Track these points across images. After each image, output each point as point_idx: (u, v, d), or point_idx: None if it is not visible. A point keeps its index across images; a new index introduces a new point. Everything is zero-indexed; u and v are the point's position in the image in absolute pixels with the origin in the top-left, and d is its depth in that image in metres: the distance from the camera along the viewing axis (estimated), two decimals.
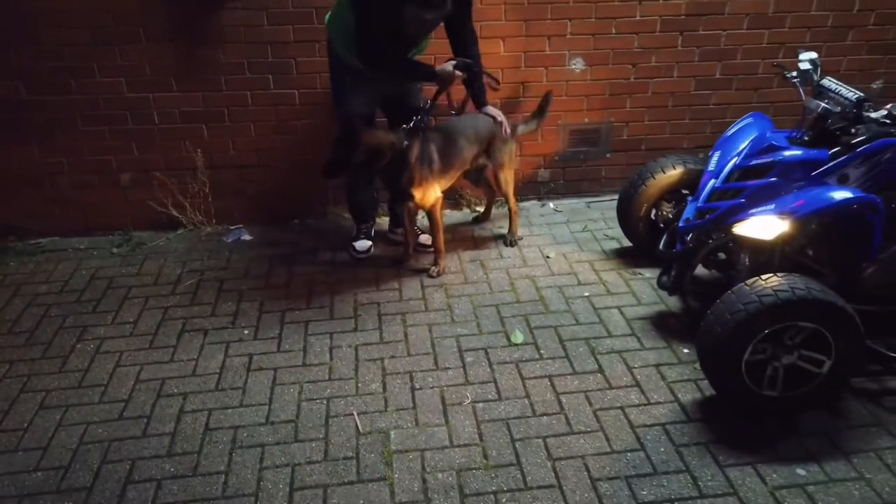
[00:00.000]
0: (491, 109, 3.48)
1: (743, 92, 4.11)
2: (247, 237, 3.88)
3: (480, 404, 2.60)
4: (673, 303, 3.21)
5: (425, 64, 3.25)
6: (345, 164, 3.05)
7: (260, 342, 2.97)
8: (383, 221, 3.95)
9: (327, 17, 3.27)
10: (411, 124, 3.20)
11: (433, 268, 3.47)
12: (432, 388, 2.69)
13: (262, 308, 3.21)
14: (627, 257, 3.60)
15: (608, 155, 4.19)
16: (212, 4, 3.49)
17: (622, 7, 3.79)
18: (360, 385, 2.70)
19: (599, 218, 4.03)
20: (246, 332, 3.04)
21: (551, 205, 4.23)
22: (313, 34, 3.59)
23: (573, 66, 3.92)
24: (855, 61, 4.11)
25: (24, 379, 2.76)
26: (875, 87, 2.86)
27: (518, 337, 2.98)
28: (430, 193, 3.31)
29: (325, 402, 2.61)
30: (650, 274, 3.36)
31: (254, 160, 3.89)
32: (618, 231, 3.64)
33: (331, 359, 2.86)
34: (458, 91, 3.46)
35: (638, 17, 3.84)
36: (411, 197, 3.27)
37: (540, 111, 3.70)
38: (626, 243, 3.63)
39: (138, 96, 3.65)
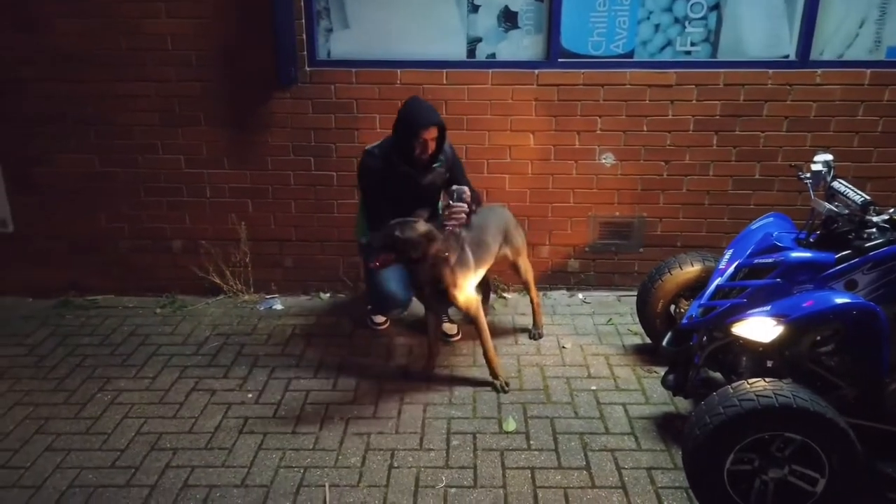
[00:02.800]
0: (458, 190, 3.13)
1: (786, 194, 3.98)
2: (278, 307, 4.07)
3: (453, 489, 2.54)
4: (683, 405, 3.06)
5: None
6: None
7: (259, 406, 3.07)
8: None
9: (355, 229, 3.62)
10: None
11: (496, 382, 3.18)
12: (410, 467, 2.66)
13: (271, 374, 3.33)
14: (646, 354, 3.49)
15: (641, 249, 4.14)
16: (264, 95, 3.86)
17: (653, 106, 3.85)
18: (340, 457, 2.72)
19: (627, 312, 3.93)
20: (250, 395, 3.16)
21: (580, 296, 4.18)
22: (351, 122, 3.87)
23: (603, 160, 3.97)
24: None
25: (42, 422, 2.97)
26: None
27: (510, 424, 2.93)
28: (471, 295, 3.14)
29: (301, 470, 2.65)
30: None
31: (292, 235, 4.14)
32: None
33: (320, 428, 2.90)
34: None
35: (670, 116, 3.87)
36: (454, 301, 3.08)
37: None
38: (649, 340, 3.53)
39: (194, 172, 4.02)
